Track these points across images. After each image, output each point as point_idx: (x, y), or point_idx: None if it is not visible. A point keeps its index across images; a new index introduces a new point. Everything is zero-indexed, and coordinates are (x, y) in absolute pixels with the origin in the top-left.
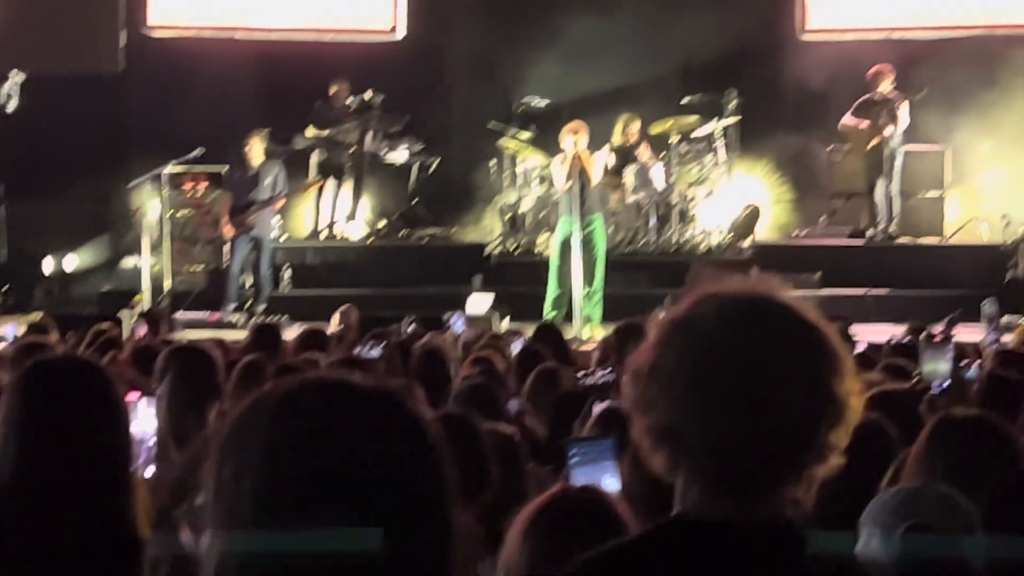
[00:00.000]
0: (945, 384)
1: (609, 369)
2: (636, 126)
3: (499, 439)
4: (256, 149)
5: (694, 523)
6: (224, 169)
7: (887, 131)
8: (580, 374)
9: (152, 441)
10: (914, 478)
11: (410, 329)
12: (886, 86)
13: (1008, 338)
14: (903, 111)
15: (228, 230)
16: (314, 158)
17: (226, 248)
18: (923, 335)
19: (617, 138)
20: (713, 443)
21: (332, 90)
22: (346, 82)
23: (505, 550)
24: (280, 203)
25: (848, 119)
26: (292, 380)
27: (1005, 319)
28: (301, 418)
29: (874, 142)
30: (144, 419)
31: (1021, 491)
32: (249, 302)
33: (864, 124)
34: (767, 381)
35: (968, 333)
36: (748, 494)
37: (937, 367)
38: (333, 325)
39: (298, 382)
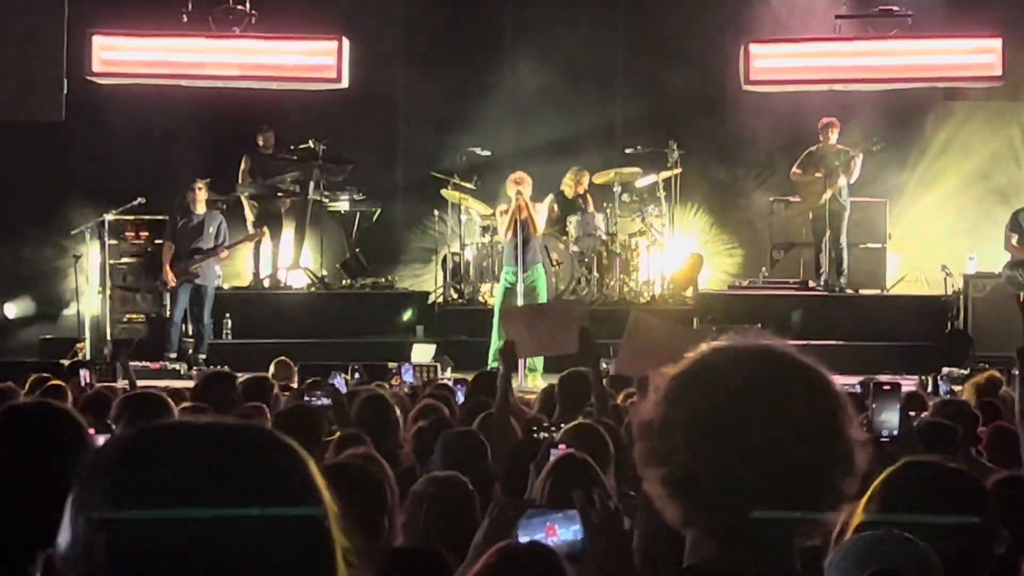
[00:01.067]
0: (894, 432)
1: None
2: (586, 178)
3: (453, 487)
4: (200, 198)
5: (706, 574)
6: (166, 218)
7: (840, 182)
8: (534, 431)
9: None
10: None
11: (355, 377)
12: (834, 138)
13: (959, 389)
14: (857, 163)
15: (171, 278)
16: (254, 207)
17: (167, 296)
18: (873, 384)
19: (568, 190)
20: (733, 491)
21: (260, 141)
22: (270, 131)
23: None
24: (225, 253)
25: (799, 170)
26: (141, 426)
27: (945, 370)
28: (145, 468)
29: (828, 194)
30: None
31: (985, 537)
32: (190, 351)
33: (817, 175)
34: (785, 428)
35: (912, 383)
36: (764, 544)
37: (887, 417)
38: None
39: (146, 428)
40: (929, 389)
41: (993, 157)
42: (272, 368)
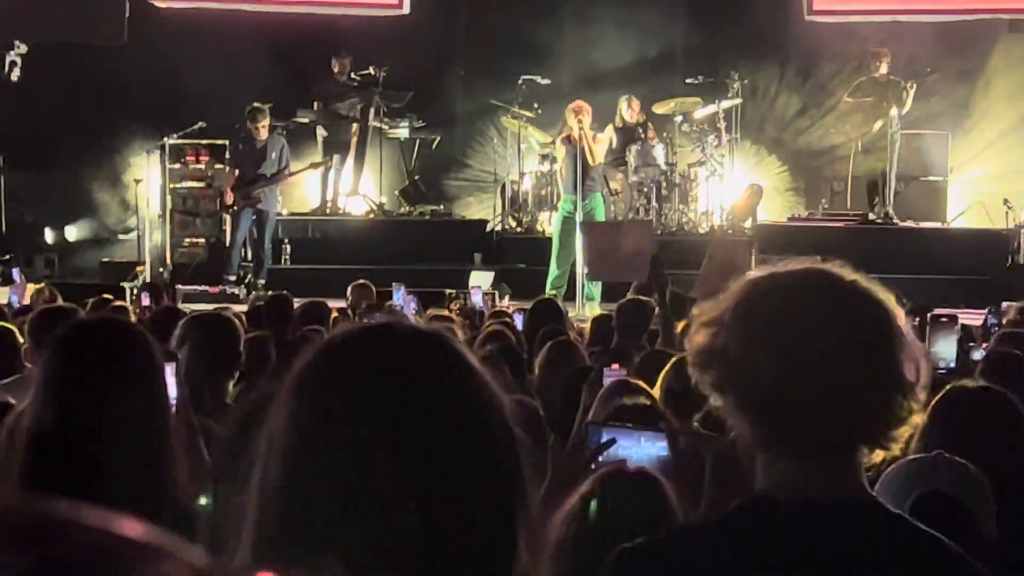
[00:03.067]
0: (951, 365)
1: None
2: (637, 105)
3: (524, 411)
4: (263, 123)
5: (782, 501)
6: (226, 142)
7: (892, 112)
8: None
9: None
10: (922, 449)
11: (413, 305)
12: (884, 67)
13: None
14: (910, 94)
15: (230, 197)
16: (320, 134)
17: (227, 220)
18: (929, 316)
19: (620, 118)
20: (808, 407)
21: (335, 67)
22: (348, 58)
23: (554, 535)
24: (287, 178)
25: (850, 99)
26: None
27: (1005, 305)
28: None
29: (879, 124)
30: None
31: None
32: (249, 276)
33: (867, 105)
34: (859, 343)
35: (972, 317)
36: (836, 463)
37: (943, 349)
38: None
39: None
40: (995, 324)
41: None
42: (349, 291)
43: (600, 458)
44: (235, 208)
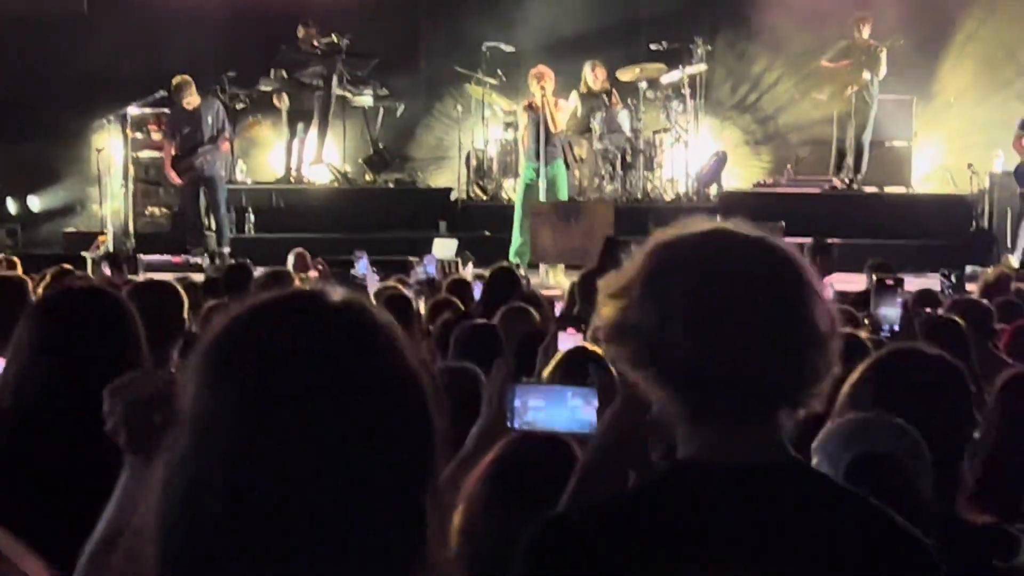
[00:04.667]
0: (895, 327)
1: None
2: (602, 72)
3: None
4: (188, 97)
5: (708, 467)
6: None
7: (866, 76)
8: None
9: None
10: (857, 409)
11: (371, 268)
12: (866, 32)
13: (972, 287)
14: (883, 58)
15: (173, 176)
16: (284, 102)
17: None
18: (875, 280)
19: (584, 84)
20: (727, 376)
21: (300, 33)
22: (313, 25)
23: (464, 496)
24: (226, 144)
25: (828, 63)
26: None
27: (969, 269)
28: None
29: (853, 88)
30: None
31: (966, 422)
32: (212, 245)
33: (843, 71)
34: (771, 303)
35: (930, 282)
36: (760, 424)
37: (888, 312)
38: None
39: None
40: (949, 287)
41: (1022, 54)
42: (291, 259)
43: (525, 422)
44: (180, 182)
